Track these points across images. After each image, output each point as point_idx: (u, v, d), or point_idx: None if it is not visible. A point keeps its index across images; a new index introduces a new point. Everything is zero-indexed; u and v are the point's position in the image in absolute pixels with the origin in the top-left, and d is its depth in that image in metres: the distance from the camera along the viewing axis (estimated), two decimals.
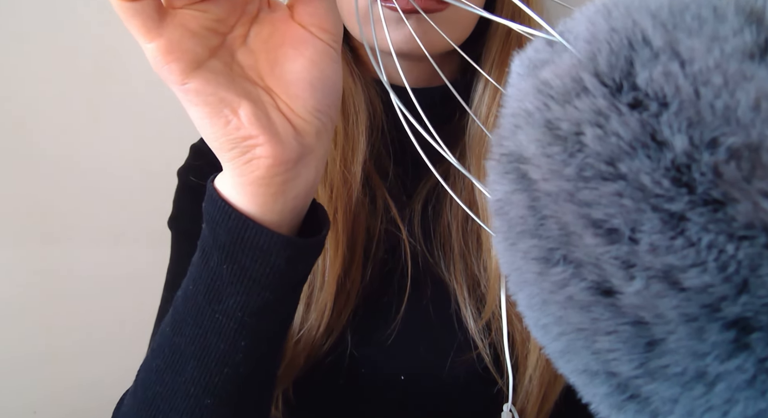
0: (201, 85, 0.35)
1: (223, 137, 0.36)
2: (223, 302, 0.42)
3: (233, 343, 0.42)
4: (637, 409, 0.24)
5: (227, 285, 0.41)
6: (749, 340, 0.21)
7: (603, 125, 0.22)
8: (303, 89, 0.38)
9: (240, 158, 0.37)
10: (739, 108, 0.20)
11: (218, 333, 0.42)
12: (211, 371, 0.43)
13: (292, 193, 0.40)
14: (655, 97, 0.21)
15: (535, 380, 0.58)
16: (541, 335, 0.27)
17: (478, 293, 0.60)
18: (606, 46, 0.23)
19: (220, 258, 0.41)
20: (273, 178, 0.38)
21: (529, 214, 0.25)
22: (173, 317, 0.45)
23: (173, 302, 0.46)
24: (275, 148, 0.37)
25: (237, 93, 0.36)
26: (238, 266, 0.40)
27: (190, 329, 0.43)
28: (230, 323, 0.42)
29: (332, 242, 0.58)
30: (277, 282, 0.41)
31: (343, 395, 0.60)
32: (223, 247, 0.40)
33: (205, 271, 0.42)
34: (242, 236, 0.40)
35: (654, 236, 0.21)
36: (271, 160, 0.37)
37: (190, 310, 0.43)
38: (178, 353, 0.44)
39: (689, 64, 0.21)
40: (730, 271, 0.20)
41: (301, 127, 0.38)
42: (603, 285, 0.23)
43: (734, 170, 0.20)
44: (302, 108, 0.38)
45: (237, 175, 0.38)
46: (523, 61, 0.27)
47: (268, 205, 0.39)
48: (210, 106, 0.35)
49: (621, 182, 0.21)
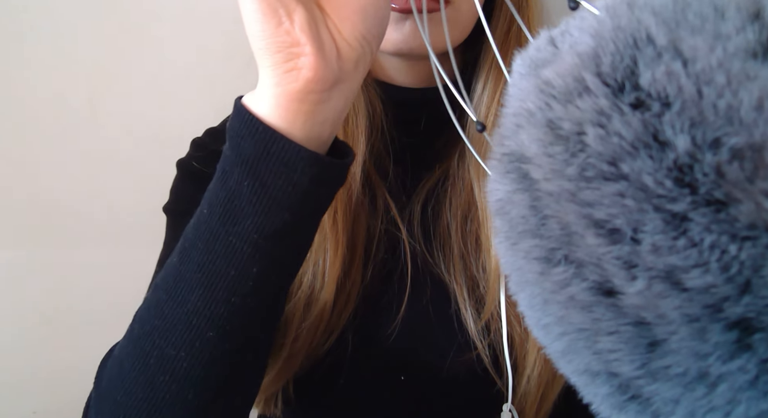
0: None
1: (271, 38, 0.36)
2: (239, 224, 0.40)
3: (244, 269, 0.41)
4: (638, 409, 0.24)
5: (245, 204, 0.40)
6: (751, 340, 0.20)
7: (605, 125, 0.22)
8: (355, 13, 0.38)
9: (282, 65, 0.37)
10: (742, 108, 0.20)
11: (230, 258, 0.41)
12: (218, 299, 0.42)
13: (321, 117, 0.39)
14: (657, 97, 0.21)
15: (533, 380, 0.58)
16: (542, 335, 0.27)
17: (477, 293, 0.60)
18: (611, 46, 0.22)
19: (241, 174, 0.40)
20: (308, 95, 0.38)
21: (530, 214, 0.25)
22: (182, 244, 0.44)
23: (185, 230, 0.44)
24: (318, 63, 0.37)
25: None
26: (260, 183, 0.39)
27: (199, 254, 0.42)
28: (244, 246, 0.41)
29: (332, 242, 0.58)
30: (298, 203, 0.40)
31: (343, 394, 0.60)
32: (246, 161, 0.40)
33: (222, 190, 0.41)
34: (269, 149, 0.39)
35: (656, 236, 0.21)
36: (311, 74, 0.37)
37: (201, 234, 0.42)
38: (182, 282, 0.43)
39: (692, 64, 0.21)
40: (732, 271, 0.20)
41: (344, 51, 0.38)
42: (605, 285, 0.23)
43: (737, 170, 0.20)
44: (350, 32, 0.38)
45: (274, 84, 0.38)
46: (525, 61, 0.26)
47: (297, 123, 0.39)
48: (267, 2, 0.35)
49: (623, 182, 0.21)
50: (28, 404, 0.88)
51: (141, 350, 0.44)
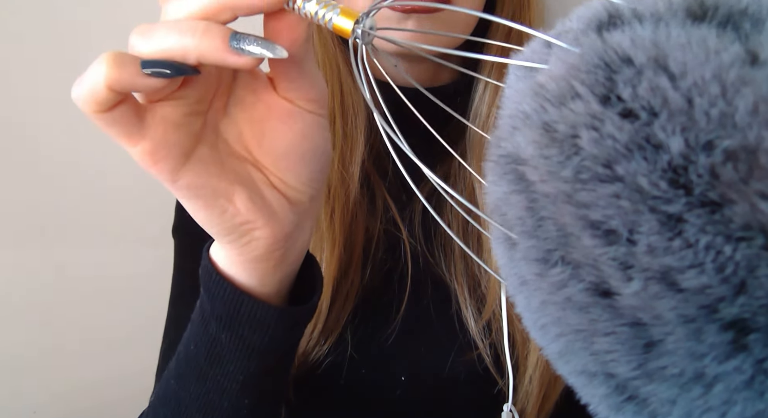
0: (192, 179, 0.34)
1: (220, 225, 0.36)
2: (224, 367, 0.42)
3: (237, 401, 0.43)
4: (635, 410, 0.24)
5: (227, 352, 0.42)
6: (747, 341, 0.20)
7: (598, 128, 0.22)
8: (295, 163, 0.37)
9: (238, 241, 0.37)
10: (737, 113, 0.20)
11: (221, 393, 0.43)
12: None
13: (289, 260, 0.40)
14: (643, 109, 0.21)
15: (535, 380, 0.58)
16: (539, 336, 0.27)
17: (478, 293, 0.60)
18: (582, 68, 0.22)
19: (218, 327, 0.41)
20: (272, 254, 0.38)
21: (527, 215, 0.25)
22: (177, 371, 0.46)
23: (176, 353, 0.46)
24: (273, 228, 0.37)
25: (229, 180, 0.35)
26: (236, 336, 0.41)
27: (193, 386, 0.44)
28: (232, 384, 0.43)
29: (328, 242, 0.58)
30: (276, 348, 0.42)
31: (344, 395, 0.60)
32: (220, 318, 0.41)
33: (204, 335, 0.42)
34: (238, 309, 0.40)
35: (652, 237, 0.21)
36: (270, 240, 0.37)
37: (192, 369, 0.44)
38: (183, 406, 0.45)
39: (681, 79, 0.21)
40: (727, 272, 0.20)
41: (295, 198, 0.38)
42: (601, 286, 0.23)
43: (731, 172, 0.20)
44: (295, 180, 0.37)
45: (235, 255, 0.38)
46: None
47: (266, 277, 0.39)
48: (203, 198, 0.34)
49: (618, 184, 0.21)
50: (28, 404, 0.89)
51: None
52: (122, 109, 0.31)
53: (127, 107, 0.31)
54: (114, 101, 0.30)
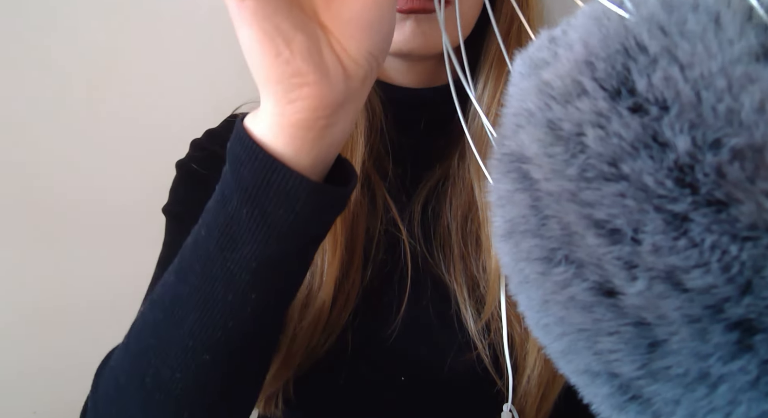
0: (260, 6, 0.32)
1: (270, 69, 0.34)
2: (238, 250, 0.39)
3: (243, 295, 0.40)
4: (638, 410, 0.24)
5: (245, 231, 0.39)
6: (752, 341, 0.20)
7: (604, 126, 0.22)
8: (361, 30, 0.35)
9: (285, 96, 0.35)
10: (743, 110, 0.19)
11: (228, 284, 0.40)
12: (215, 324, 0.41)
13: (327, 140, 0.38)
14: (655, 102, 0.21)
15: (533, 380, 0.58)
16: (542, 335, 0.27)
17: (477, 293, 0.60)
18: (602, 54, 0.22)
19: (240, 201, 0.38)
20: (315, 122, 0.36)
21: (531, 213, 0.24)
22: (179, 264, 0.43)
23: (181, 249, 0.43)
24: (323, 90, 0.35)
25: (293, 23, 0.33)
26: (260, 211, 0.38)
27: (196, 278, 0.41)
28: (242, 273, 0.39)
29: (330, 243, 0.58)
30: (299, 232, 0.39)
31: (343, 395, 0.60)
32: (246, 189, 0.38)
33: (221, 215, 0.39)
34: (269, 178, 0.37)
35: (657, 236, 0.21)
36: (317, 102, 0.35)
37: (199, 257, 0.41)
38: (179, 303, 0.41)
39: (689, 69, 0.21)
40: (733, 272, 0.20)
41: (351, 69, 0.36)
42: (605, 286, 0.23)
43: (738, 171, 0.20)
44: (356, 50, 0.35)
45: (277, 114, 0.36)
46: (525, 61, 0.26)
47: (303, 150, 0.37)
48: (264, 32, 0.33)
49: (624, 183, 0.21)
50: (29, 404, 0.88)
51: (137, 368, 0.43)
52: None
53: None
54: None
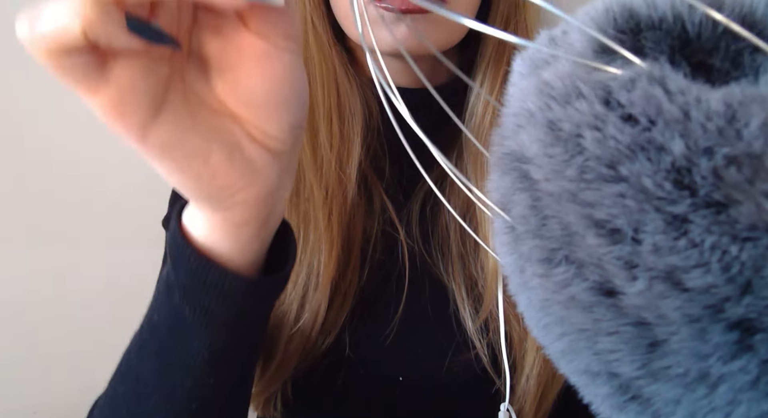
0: (164, 136, 0.29)
1: (196, 190, 0.32)
2: (188, 342, 0.39)
3: (201, 379, 0.40)
4: (638, 410, 0.24)
5: (191, 326, 0.38)
6: (753, 341, 0.20)
7: (601, 129, 0.22)
8: (276, 110, 0.32)
9: (219, 206, 0.33)
10: (745, 129, 0.19)
11: (184, 370, 0.40)
12: (179, 405, 0.41)
13: (273, 222, 0.37)
14: (642, 114, 0.21)
15: (532, 379, 0.58)
16: (542, 335, 0.27)
17: (475, 293, 0.60)
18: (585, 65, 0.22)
19: (182, 298, 0.38)
20: (258, 217, 0.35)
21: (531, 213, 0.24)
22: (139, 343, 0.42)
23: (140, 325, 0.43)
24: (258, 188, 0.33)
25: (204, 136, 0.30)
26: (201, 309, 0.37)
27: (153, 361, 0.41)
28: (196, 361, 0.39)
29: (326, 243, 0.58)
30: (244, 322, 0.39)
31: (342, 395, 0.60)
32: (185, 287, 0.37)
33: (167, 306, 0.39)
34: (205, 278, 0.36)
35: (657, 236, 0.21)
36: (255, 201, 0.33)
37: (153, 343, 0.41)
38: (142, 383, 0.42)
39: (679, 95, 0.21)
40: (733, 272, 0.20)
41: (278, 149, 0.33)
42: (605, 286, 0.23)
43: (735, 173, 0.20)
44: (277, 129, 0.33)
45: (217, 221, 0.35)
46: (525, 60, 0.26)
47: (249, 244, 0.36)
48: (177, 160, 0.30)
49: (623, 184, 0.21)
50: (29, 404, 0.88)
51: None
52: (87, 55, 0.26)
53: (92, 54, 0.26)
54: (82, 48, 0.25)
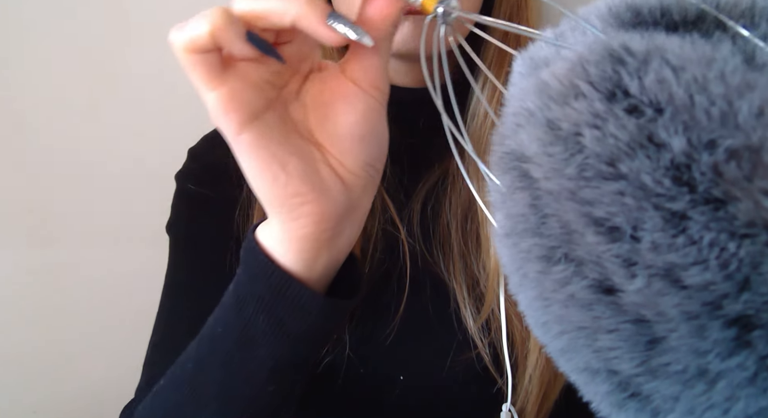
0: (255, 138, 0.35)
1: (270, 192, 0.36)
2: (255, 351, 0.42)
3: (260, 389, 0.43)
4: (638, 407, 0.24)
5: (261, 336, 0.41)
6: (750, 337, 0.21)
7: (601, 127, 0.22)
8: (354, 144, 0.37)
9: (288, 214, 0.37)
10: (740, 114, 0.20)
11: (246, 379, 0.43)
12: (235, 412, 0.44)
13: (335, 250, 0.40)
14: (649, 104, 0.21)
15: (534, 379, 0.58)
16: (541, 333, 0.27)
17: (477, 292, 0.60)
18: (591, 57, 0.23)
19: (256, 309, 0.41)
20: (321, 234, 0.38)
21: (530, 212, 0.25)
22: (198, 354, 0.45)
23: (198, 338, 0.46)
24: (323, 206, 0.37)
25: (288, 149, 0.36)
26: (275, 320, 0.41)
27: (216, 371, 0.43)
28: (260, 371, 0.42)
29: None
30: (312, 337, 0.42)
31: (342, 395, 0.60)
32: (261, 299, 0.40)
33: (238, 318, 0.42)
34: (283, 292, 0.40)
35: (656, 234, 0.21)
36: (319, 217, 0.37)
37: (217, 353, 0.43)
38: (200, 392, 0.44)
39: (681, 72, 0.21)
40: (731, 269, 0.20)
41: (350, 181, 0.38)
42: (604, 283, 0.23)
43: (734, 170, 0.20)
44: (353, 162, 0.38)
45: (284, 231, 0.38)
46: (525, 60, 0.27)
47: (311, 261, 0.39)
48: (260, 160, 0.35)
49: (622, 182, 0.21)
50: (29, 404, 0.88)
51: None
52: (213, 55, 0.33)
53: (217, 55, 0.33)
54: (209, 48, 0.32)
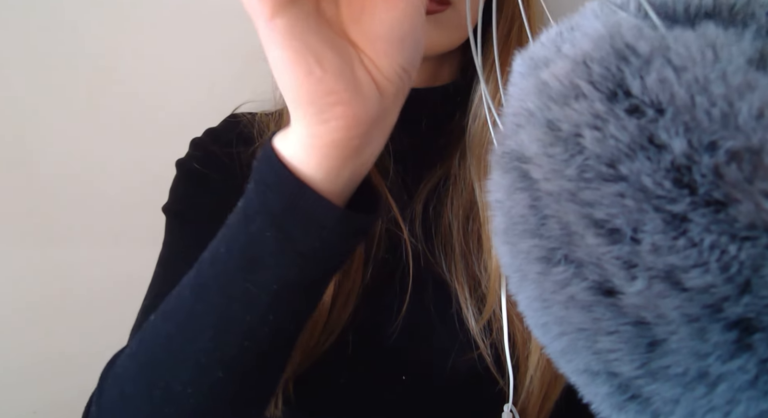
0: (290, 25, 0.31)
1: (302, 89, 0.33)
2: (260, 272, 0.38)
3: (261, 316, 0.39)
4: (638, 409, 0.24)
5: (268, 255, 0.38)
6: (751, 340, 0.20)
7: (601, 128, 0.22)
8: (393, 46, 0.34)
9: (318, 116, 0.34)
10: (740, 116, 0.19)
11: (247, 304, 0.39)
12: (231, 343, 0.40)
13: (361, 160, 0.37)
14: (650, 104, 0.21)
15: (536, 380, 0.58)
16: (541, 334, 0.27)
17: (479, 292, 0.60)
18: (596, 55, 0.22)
19: (265, 223, 0.37)
20: (350, 141, 0.35)
21: (530, 213, 0.25)
22: (196, 279, 0.42)
23: (197, 263, 0.42)
24: (357, 108, 0.33)
25: (324, 41, 0.32)
26: (285, 236, 0.37)
27: (214, 296, 0.40)
28: (262, 294, 0.39)
29: None
30: (323, 258, 0.38)
31: (344, 394, 0.60)
32: (271, 212, 0.37)
33: (243, 235, 0.38)
34: (296, 203, 0.36)
35: (656, 236, 0.21)
36: (351, 121, 0.34)
37: (217, 275, 0.40)
38: (194, 320, 0.41)
39: (683, 72, 0.21)
40: (732, 271, 0.20)
41: (384, 86, 0.34)
42: (604, 285, 0.23)
43: (735, 172, 0.20)
44: (389, 66, 0.34)
45: (310, 135, 0.35)
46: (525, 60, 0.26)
47: (335, 171, 0.36)
48: (294, 50, 0.32)
49: (622, 183, 0.21)
50: (29, 404, 0.88)
51: (145, 380, 0.43)
52: None
53: None
54: None
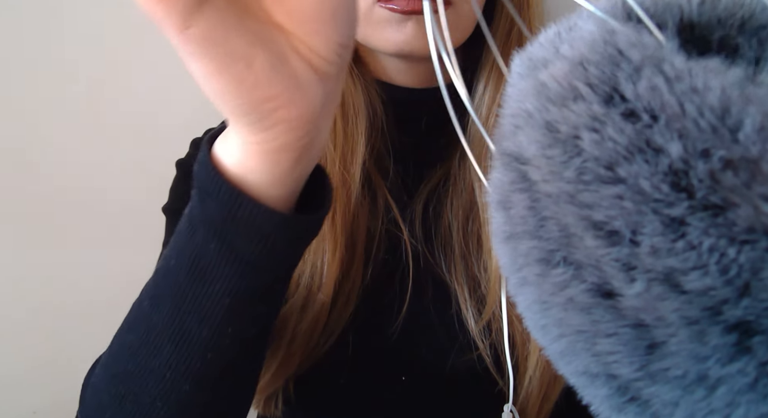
0: (206, 29, 0.27)
1: (236, 100, 0.29)
2: (209, 285, 0.36)
3: (218, 329, 0.38)
4: (637, 411, 0.24)
5: (214, 267, 0.35)
6: (751, 343, 0.20)
7: (599, 130, 0.22)
8: (325, 23, 0.29)
9: (258, 124, 0.30)
10: (741, 130, 0.19)
11: (201, 319, 0.37)
12: (192, 356, 0.38)
13: (312, 154, 0.34)
14: (645, 110, 0.21)
15: (535, 380, 0.58)
16: (541, 336, 0.27)
17: (478, 293, 0.60)
18: (593, 58, 0.22)
19: (207, 235, 0.35)
20: (298, 142, 0.31)
21: (529, 214, 0.24)
22: (153, 289, 0.40)
23: (155, 272, 0.41)
24: (301, 107, 0.30)
25: (248, 39, 0.28)
26: (228, 247, 0.35)
27: (169, 309, 0.38)
28: (215, 308, 0.37)
29: (330, 243, 0.58)
30: (272, 265, 0.36)
31: (344, 395, 0.60)
32: (212, 222, 0.34)
33: (189, 246, 0.36)
34: (234, 213, 0.33)
35: (655, 238, 0.21)
36: (296, 122, 0.30)
37: (170, 287, 0.38)
38: (154, 332, 0.39)
39: (677, 81, 0.21)
40: (731, 274, 0.20)
41: (323, 70, 0.30)
42: (603, 287, 0.23)
43: (731, 178, 0.19)
44: (325, 46, 0.30)
45: (254, 143, 0.32)
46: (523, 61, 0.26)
47: (285, 174, 0.33)
48: (218, 60, 0.27)
49: (621, 186, 0.21)
50: (29, 404, 0.89)
51: (116, 391, 0.42)
52: None
53: None
54: None
